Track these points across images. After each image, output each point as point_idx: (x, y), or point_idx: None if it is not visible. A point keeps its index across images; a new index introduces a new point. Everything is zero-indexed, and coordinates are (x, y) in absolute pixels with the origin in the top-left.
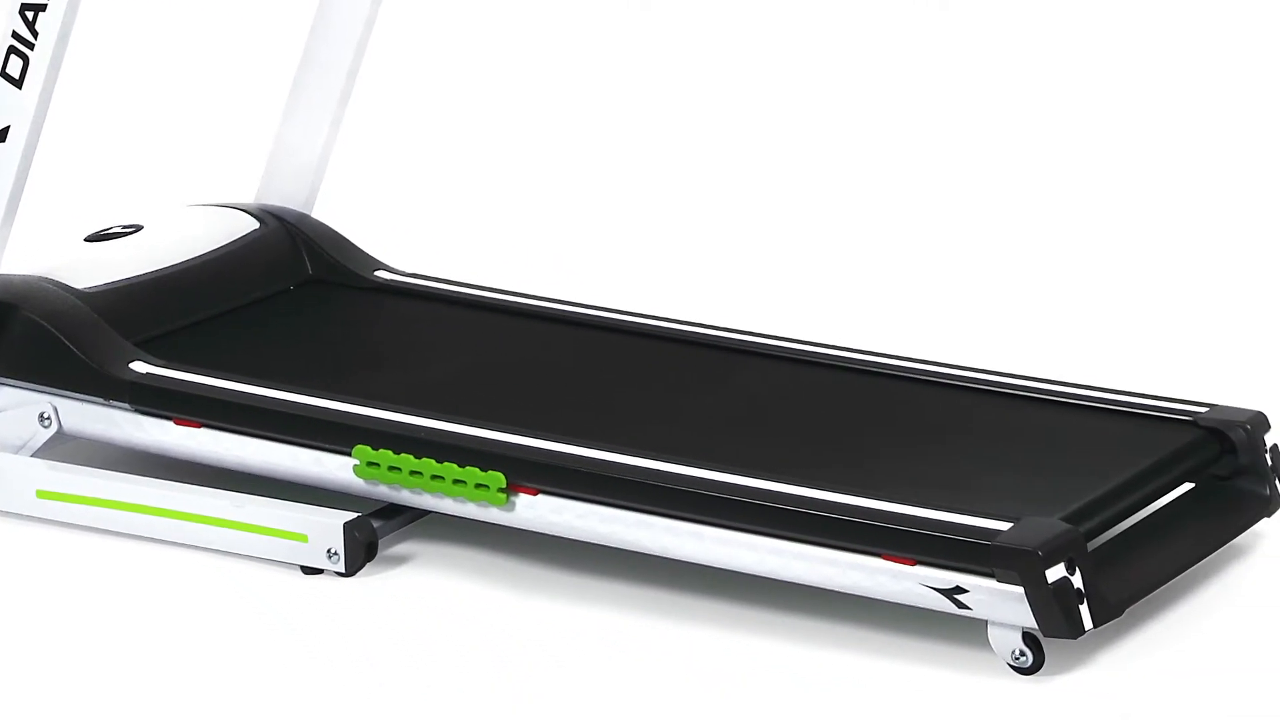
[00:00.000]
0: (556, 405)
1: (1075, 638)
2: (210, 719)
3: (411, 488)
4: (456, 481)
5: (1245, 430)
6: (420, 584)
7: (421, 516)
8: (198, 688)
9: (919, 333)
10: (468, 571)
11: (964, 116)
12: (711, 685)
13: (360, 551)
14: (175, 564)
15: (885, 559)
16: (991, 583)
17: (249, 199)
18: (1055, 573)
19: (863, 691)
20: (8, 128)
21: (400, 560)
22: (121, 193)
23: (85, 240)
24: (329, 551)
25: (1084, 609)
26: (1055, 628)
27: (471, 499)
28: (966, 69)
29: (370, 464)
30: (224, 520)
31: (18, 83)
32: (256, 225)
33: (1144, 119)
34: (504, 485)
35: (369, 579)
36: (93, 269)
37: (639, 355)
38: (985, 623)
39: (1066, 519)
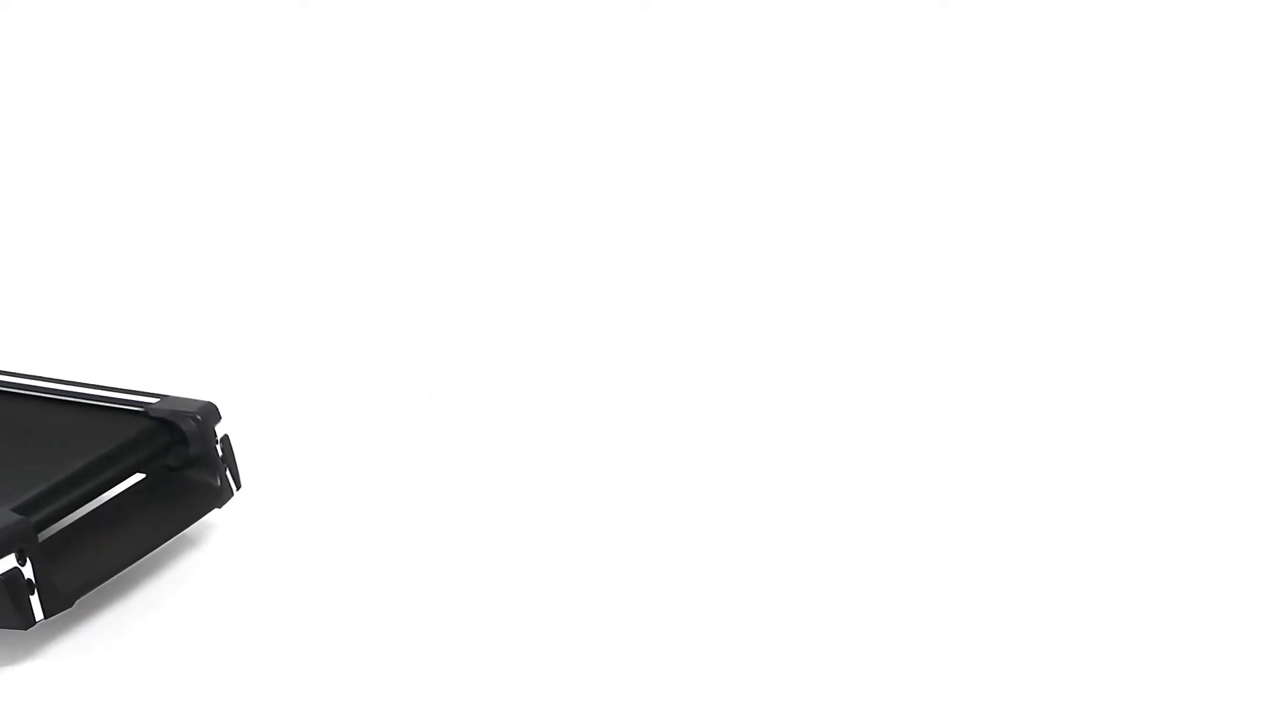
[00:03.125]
0: None
1: (26, 629)
2: None
3: None
4: None
5: (196, 420)
6: None
7: None
8: None
9: None
10: None
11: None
12: None
13: None
14: None
15: None
16: None
17: None
18: (5, 564)
19: None
20: None
21: None
22: None
23: None
24: None
25: (35, 600)
26: (5, 619)
27: None
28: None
29: None
30: None
31: None
32: None
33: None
34: None
35: None
36: None
37: None
38: None
39: (18, 510)
